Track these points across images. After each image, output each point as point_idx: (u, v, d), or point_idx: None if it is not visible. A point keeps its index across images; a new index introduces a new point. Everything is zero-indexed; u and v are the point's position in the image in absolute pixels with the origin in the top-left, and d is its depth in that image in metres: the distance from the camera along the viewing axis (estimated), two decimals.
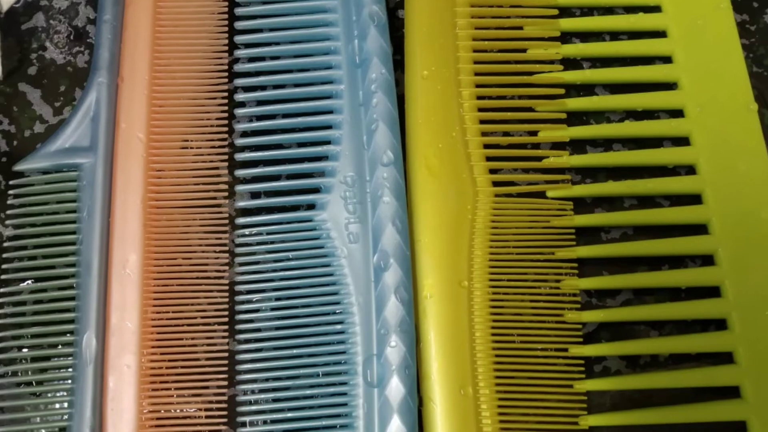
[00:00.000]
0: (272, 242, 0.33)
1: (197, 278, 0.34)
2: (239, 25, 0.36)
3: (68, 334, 0.33)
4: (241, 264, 0.33)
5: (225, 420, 0.33)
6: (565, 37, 0.37)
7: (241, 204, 0.34)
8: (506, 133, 0.36)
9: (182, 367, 0.33)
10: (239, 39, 0.36)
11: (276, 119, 0.35)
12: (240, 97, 0.35)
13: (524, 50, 0.36)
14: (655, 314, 0.34)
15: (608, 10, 0.38)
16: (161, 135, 0.35)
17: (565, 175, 0.35)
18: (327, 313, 0.33)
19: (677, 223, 0.35)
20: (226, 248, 0.34)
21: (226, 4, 0.36)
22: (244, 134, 0.35)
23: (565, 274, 0.34)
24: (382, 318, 0.32)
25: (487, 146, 0.35)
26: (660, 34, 0.37)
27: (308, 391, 0.32)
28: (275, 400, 0.32)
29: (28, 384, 0.33)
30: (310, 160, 0.34)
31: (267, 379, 0.32)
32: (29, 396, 0.33)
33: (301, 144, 0.35)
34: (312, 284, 0.33)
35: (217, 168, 0.35)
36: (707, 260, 0.34)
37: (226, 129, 0.35)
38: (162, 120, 0.35)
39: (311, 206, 0.34)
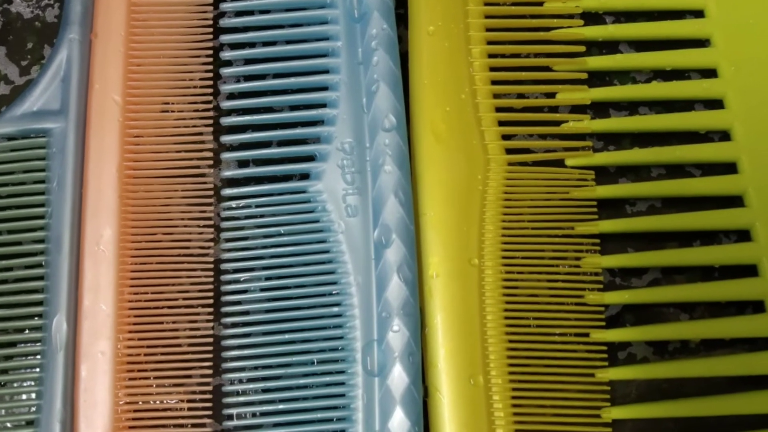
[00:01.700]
0: (262, 216, 0.33)
1: (179, 256, 0.33)
2: None
3: (36, 318, 0.32)
4: (228, 240, 0.33)
5: (209, 412, 0.32)
6: None
7: (228, 173, 0.34)
8: (521, 95, 0.35)
9: (162, 354, 0.32)
10: None
11: (266, 80, 0.34)
12: (226, 55, 0.34)
13: (541, 3, 0.35)
14: (686, 295, 0.33)
15: None
16: (139, 97, 0.34)
17: (585, 142, 0.34)
18: (323, 295, 0.32)
19: (710, 194, 0.34)
20: (211, 222, 0.34)
21: None
22: (231, 96, 0.34)
23: (586, 251, 0.33)
24: (383, 300, 0.31)
25: (499, 109, 0.34)
26: None
27: (302, 381, 0.31)
28: (265, 391, 0.31)
29: None
30: (304, 125, 0.34)
31: (256, 368, 0.32)
32: None
33: (294, 107, 0.34)
34: (306, 262, 0.32)
35: (201, 134, 0.34)
36: (743, 236, 0.34)
37: (210, 90, 0.34)
38: (140, 80, 0.34)
39: (305, 176, 0.33)
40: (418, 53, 0.34)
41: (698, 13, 0.36)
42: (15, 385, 0.32)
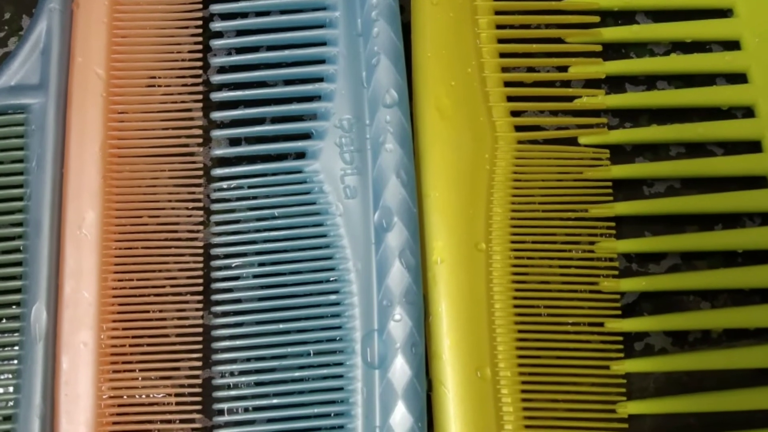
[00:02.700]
0: (255, 197, 0.33)
1: (166, 240, 0.33)
2: None
3: (14, 306, 0.32)
4: (218, 223, 0.33)
5: (199, 407, 0.32)
6: None
7: (218, 152, 0.33)
8: (531, 69, 0.35)
9: (149, 344, 0.32)
10: None
11: (259, 52, 0.34)
12: (216, 26, 0.34)
13: None
14: (707, 282, 0.33)
15: None
16: (124, 71, 0.33)
17: (600, 119, 0.34)
18: (320, 282, 0.32)
19: (732, 174, 0.33)
20: (201, 204, 0.33)
21: None
22: (222, 70, 0.34)
23: (601, 235, 0.33)
24: (384, 287, 0.31)
25: (508, 84, 0.34)
26: None
27: (297, 374, 0.31)
28: (258, 384, 0.31)
29: None
30: (300, 101, 0.33)
31: (248, 359, 0.32)
32: None
33: (289, 81, 0.34)
34: (302, 247, 0.32)
35: (189, 110, 0.34)
36: None
37: (200, 64, 0.34)
38: (125, 53, 0.34)
39: (301, 155, 0.33)
40: (421, 24, 0.33)
41: None
42: None
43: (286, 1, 0.34)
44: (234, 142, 0.34)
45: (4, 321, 0.32)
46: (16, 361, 0.31)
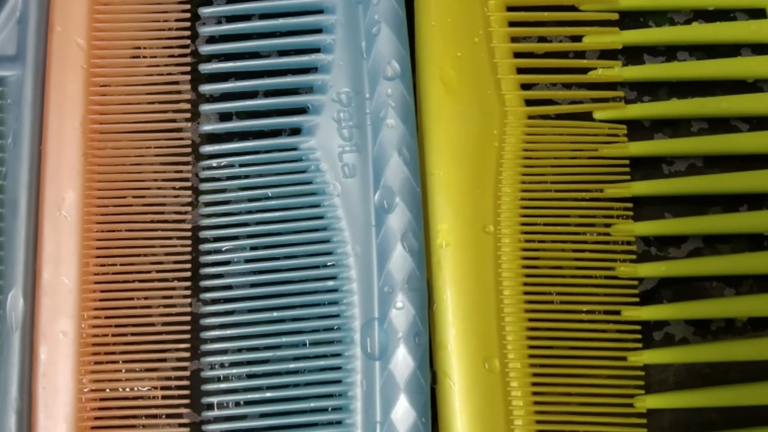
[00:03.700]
0: (247, 176, 0.32)
1: (152, 222, 0.33)
2: None
3: None
4: (208, 204, 0.32)
5: (187, 401, 0.32)
6: None
7: (208, 128, 0.33)
8: (542, 39, 0.34)
9: (133, 334, 0.32)
10: None
11: (252, 21, 0.34)
12: None
13: None
14: (731, 267, 0.32)
15: None
16: (106, 41, 0.33)
17: (617, 92, 0.34)
18: (316, 267, 0.32)
19: (758, 152, 0.33)
20: (189, 184, 0.33)
21: None
22: (211, 40, 0.33)
23: (617, 217, 0.32)
24: (385, 272, 0.31)
25: (518, 55, 0.33)
26: None
27: (292, 365, 0.31)
28: (250, 377, 0.31)
29: None
30: (295, 73, 0.33)
31: (240, 350, 0.31)
32: None
33: (284, 52, 0.34)
34: (297, 229, 0.32)
35: (176, 83, 0.34)
36: None
37: (188, 33, 0.34)
38: (107, 22, 0.33)
39: (296, 131, 0.33)
40: None
41: None
42: None
43: None
44: (224, 117, 0.34)
45: None
46: None
